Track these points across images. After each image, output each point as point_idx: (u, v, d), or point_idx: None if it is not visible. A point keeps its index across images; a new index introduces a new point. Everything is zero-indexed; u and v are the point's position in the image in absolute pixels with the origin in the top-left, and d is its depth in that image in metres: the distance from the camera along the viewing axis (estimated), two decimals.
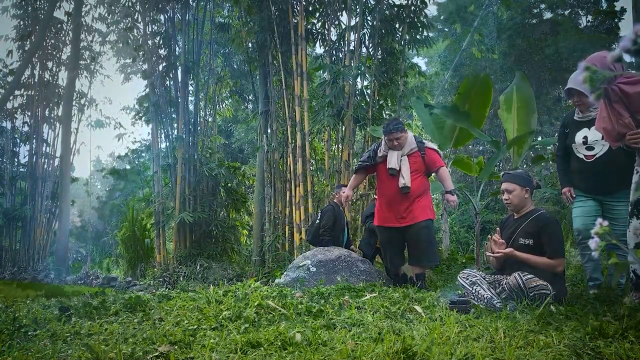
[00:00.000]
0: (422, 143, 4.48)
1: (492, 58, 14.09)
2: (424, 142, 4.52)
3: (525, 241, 3.19)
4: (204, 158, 8.81)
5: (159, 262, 8.47)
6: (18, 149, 12.91)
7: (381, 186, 4.49)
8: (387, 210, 4.40)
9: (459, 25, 15.49)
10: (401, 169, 4.31)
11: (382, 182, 4.47)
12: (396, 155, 4.35)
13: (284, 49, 7.66)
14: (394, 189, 4.32)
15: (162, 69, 8.92)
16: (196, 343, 2.33)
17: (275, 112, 8.01)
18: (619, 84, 2.69)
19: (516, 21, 14.21)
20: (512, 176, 3.34)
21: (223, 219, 8.88)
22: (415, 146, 4.41)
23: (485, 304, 3.05)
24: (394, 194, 4.33)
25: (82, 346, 2.30)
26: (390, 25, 7.39)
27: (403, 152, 4.37)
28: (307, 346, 2.21)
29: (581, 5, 15.59)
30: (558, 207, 10.04)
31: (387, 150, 4.41)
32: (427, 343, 2.10)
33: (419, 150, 4.41)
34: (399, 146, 4.36)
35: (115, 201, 19.23)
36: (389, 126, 4.40)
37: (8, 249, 11.79)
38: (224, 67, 12.05)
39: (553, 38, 13.76)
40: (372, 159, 4.49)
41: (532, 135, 5.98)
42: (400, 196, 4.30)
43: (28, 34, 12.04)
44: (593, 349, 2.04)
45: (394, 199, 4.34)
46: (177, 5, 8.89)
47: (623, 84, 2.68)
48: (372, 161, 4.49)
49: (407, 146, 4.39)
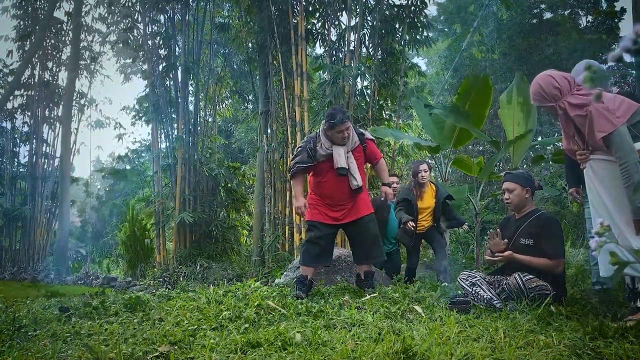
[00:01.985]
0: (362, 134, 4.04)
1: (492, 58, 14.09)
2: (363, 132, 4.08)
3: (526, 241, 3.19)
4: (204, 158, 8.81)
5: (159, 262, 8.47)
6: (18, 149, 12.92)
7: (324, 186, 3.93)
8: (328, 208, 3.93)
9: (458, 26, 15.50)
10: (350, 167, 3.85)
11: (324, 182, 3.92)
12: (343, 152, 3.85)
13: (284, 49, 7.66)
14: (342, 189, 3.88)
15: (162, 69, 8.92)
16: (196, 343, 2.33)
17: (275, 112, 8.01)
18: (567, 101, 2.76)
19: (516, 21, 14.20)
20: (514, 176, 3.34)
21: (223, 219, 8.88)
22: (357, 139, 3.96)
23: (485, 304, 3.05)
24: (341, 194, 3.89)
25: (82, 346, 2.30)
26: (390, 26, 7.40)
27: (348, 147, 3.88)
28: (307, 346, 2.21)
29: (581, 5, 15.58)
30: (558, 207, 10.04)
31: (330, 146, 3.86)
32: (427, 343, 2.10)
33: (361, 143, 3.98)
34: (347, 138, 3.84)
35: (115, 201, 19.24)
36: (336, 117, 3.77)
37: (8, 249, 11.79)
38: (224, 67, 12.05)
39: (553, 38, 13.76)
40: (313, 158, 3.88)
41: (532, 134, 5.98)
42: (349, 196, 3.90)
43: (28, 34, 12.04)
44: (593, 349, 2.04)
45: (341, 199, 3.90)
46: (177, 5, 8.90)
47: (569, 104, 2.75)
48: (313, 160, 3.89)
49: (350, 140, 3.89)
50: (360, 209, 3.93)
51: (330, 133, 3.83)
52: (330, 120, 3.78)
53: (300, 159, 3.92)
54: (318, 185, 3.99)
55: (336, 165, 3.82)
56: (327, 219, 3.91)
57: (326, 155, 3.86)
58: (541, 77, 2.86)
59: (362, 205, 3.96)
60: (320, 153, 3.87)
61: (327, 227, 3.91)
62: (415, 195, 5.14)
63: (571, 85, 2.79)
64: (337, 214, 3.91)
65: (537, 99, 2.85)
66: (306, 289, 3.78)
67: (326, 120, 3.85)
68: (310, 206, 3.98)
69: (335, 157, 3.83)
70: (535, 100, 2.88)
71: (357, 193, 3.90)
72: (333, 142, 3.86)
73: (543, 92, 2.81)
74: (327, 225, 3.90)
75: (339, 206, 3.91)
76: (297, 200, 3.96)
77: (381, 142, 7.48)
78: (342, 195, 3.89)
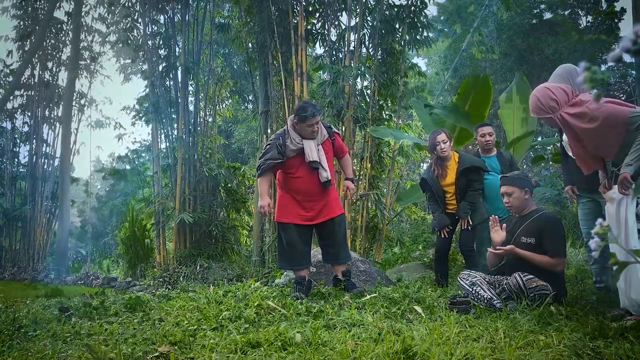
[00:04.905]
0: (330, 127, 4.03)
1: (492, 58, 14.08)
2: (330, 126, 4.10)
3: (527, 240, 3.19)
4: (204, 158, 8.81)
5: (159, 263, 8.47)
6: (18, 149, 12.90)
7: (295, 181, 3.87)
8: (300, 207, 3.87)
9: (458, 26, 15.49)
10: (320, 160, 3.81)
11: (295, 177, 3.86)
12: (314, 145, 3.82)
13: (284, 50, 7.66)
14: (313, 183, 3.82)
15: (162, 69, 8.91)
16: (196, 343, 2.33)
17: (275, 112, 8.01)
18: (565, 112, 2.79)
19: (516, 21, 14.21)
20: (510, 179, 3.35)
21: (223, 220, 8.87)
22: (326, 133, 3.94)
23: (485, 304, 3.05)
24: (312, 189, 3.84)
25: (82, 346, 2.30)
26: (390, 26, 7.39)
27: (317, 141, 3.86)
28: (307, 346, 2.21)
29: (581, 5, 15.59)
30: (558, 207, 10.04)
31: (301, 140, 3.82)
32: (427, 343, 2.10)
33: (329, 137, 3.96)
34: (316, 132, 3.82)
35: (115, 201, 19.24)
36: (306, 110, 3.74)
37: (8, 249, 11.78)
38: (224, 67, 12.04)
39: (553, 38, 13.76)
40: (283, 155, 3.81)
41: (532, 135, 5.99)
42: (320, 191, 3.86)
43: (28, 34, 12.03)
44: (593, 349, 2.04)
45: (312, 194, 3.86)
46: (177, 5, 8.89)
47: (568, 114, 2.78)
48: (283, 157, 3.82)
49: (320, 134, 3.87)
50: (333, 209, 3.91)
51: (300, 127, 3.80)
52: (302, 114, 3.75)
53: (270, 155, 3.83)
54: (289, 182, 3.92)
55: (308, 159, 3.79)
56: (300, 219, 3.86)
57: (297, 150, 3.81)
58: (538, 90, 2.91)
59: (334, 205, 3.94)
60: (290, 148, 3.81)
61: (302, 229, 3.88)
62: (437, 173, 4.28)
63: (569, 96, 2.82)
64: (310, 213, 3.87)
65: (536, 111, 2.91)
66: (305, 289, 3.77)
67: (296, 114, 3.82)
68: (281, 206, 3.93)
69: (306, 151, 3.80)
70: (533, 112, 2.95)
71: (327, 186, 3.87)
72: (302, 136, 3.83)
73: (540, 105, 2.85)
74: (301, 226, 3.87)
75: (311, 202, 3.87)
76: (262, 199, 3.85)
77: (381, 142, 7.48)
78: (314, 190, 3.85)
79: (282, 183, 3.98)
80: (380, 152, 7.54)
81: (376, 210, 7.19)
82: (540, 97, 2.86)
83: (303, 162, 3.83)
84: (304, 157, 3.81)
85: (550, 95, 2.82)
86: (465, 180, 4.21)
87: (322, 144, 3.89)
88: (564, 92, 2.83)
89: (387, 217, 7.44)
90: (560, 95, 2.81)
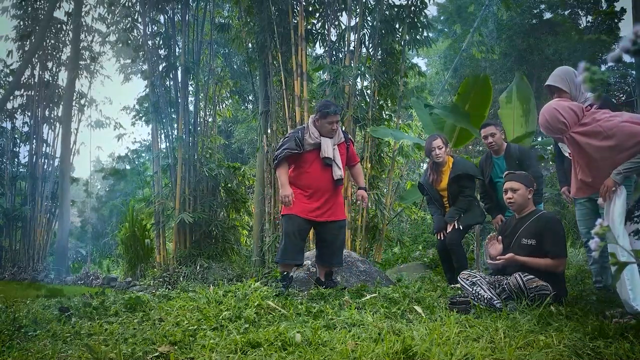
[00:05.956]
0: (346, 133, 4.21)
1: (492, 58, 14.09)
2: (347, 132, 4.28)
3: (528, 241, 3.20)
4: (204, 158, 8.81)
5: (159, 263, 8.46)
6: (18, 149, 12.90)
7: (307, 177, 3.98)
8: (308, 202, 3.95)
9: (459, 26, 15.49)
10: (335, 158, 3.95)
11: (308, 172, 3.97)
12: (330, 143, 3.96)
13: (284, 50, 7.66)
14: (325, 180, 3.94)
15: (162, 69, 8.91)
16: (196, 343, 2.33)
17: (275, 112, 8.01)
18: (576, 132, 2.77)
19: (516, 21, 14.20)
20: (518, 176, 3.36)
21: (223, 220, 8.87)
22: (342, 136, 4.08)
23: (485, 304, 3.05)
24: (324, 185, 3.95)
25: (82, 346, 2.30)
26: (390, 26, 7.39)
27: (334, 140, 4.00)
28: (307, 346, 2.21)
29: (581, 5, 15.58)
30: (558, 208, 10.05)
31: (319, 136, 3.95)
32: (427, 343, 2.10)
33: (346, 141, 4.10)
34: (335, 132, 3.97)
35: (115, 201, 19.24)
36: (329, 107, 3.91)
37: (8, 249, 11.78)
38: (224, 67, 12.04)
39: (553, 38, 13.76)
40: (300, 147, 3.93)
41: (532, 135, 5.99)
42: (330, 189, 3.97)
43: (28, 34, 12.03)
44: (593, 349, 2.04)
45: (323, 191, 3.96)
46: (177, 5, 8.89)
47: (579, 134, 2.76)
48: (300, 149, 3.94)
49: (337, 135, 4.02)
50: (338, 213, 4.05)
51: (320, 123, 3.93)
52: (324, 110, 3.90)
53: (288, 146, 3.94)
54: (301, 177, 4.01)
55: (323, 155, 3.92)
56: (305, 213, 3.93)
57: (314, 144, 3.93)
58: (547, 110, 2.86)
59: (340, 210, 4.08)
60: (308, 142, 3.93)
61: (304, 222, 3.96)
62: (433, 178, 4.38)
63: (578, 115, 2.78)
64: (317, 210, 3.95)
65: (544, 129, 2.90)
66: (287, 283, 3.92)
67: (318, 110, 3.96)
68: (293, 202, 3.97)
69: (323, 147, 3.92)
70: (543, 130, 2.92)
71: (338, 185, 3.99)
72: (321, 133, 3.96)
73: (549, 125, 2.84)
74: (304, 220, 3.95)
75: (320, 199, 3.95)
76: (283, 189, 3.92)
77: (381, 142, 7.49)
78: (325, 186, 3.96)
79: (293, 179, 4.06)
80: (380, 152, 7.54)
81: (376, 210, 7.19)
82: (548, 119, 2.83)
83: (317, 157, 3.95)
84: (320, 152, 3.94)
85: (558, 118, 2.79)
86: (457, 186, 4.26)
87: (337, 145, 4.03)
88: (574, 112, 2.79)
89: (387, 217, 7.44)
90: (569, 116, 2.78)
